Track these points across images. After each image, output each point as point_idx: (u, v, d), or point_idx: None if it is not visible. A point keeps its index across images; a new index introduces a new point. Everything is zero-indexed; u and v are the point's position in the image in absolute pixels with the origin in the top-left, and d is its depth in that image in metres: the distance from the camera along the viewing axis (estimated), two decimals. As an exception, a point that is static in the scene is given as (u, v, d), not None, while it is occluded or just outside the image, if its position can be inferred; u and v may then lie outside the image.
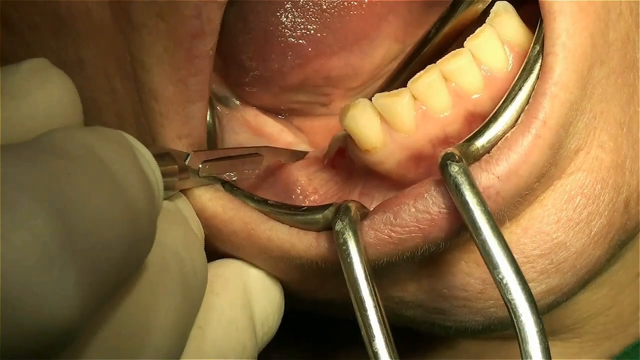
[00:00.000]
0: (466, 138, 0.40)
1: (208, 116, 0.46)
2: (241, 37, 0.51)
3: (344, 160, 0.47)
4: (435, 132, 0.43)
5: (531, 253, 0.42)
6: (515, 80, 0.41)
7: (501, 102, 0.41)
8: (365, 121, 0.44)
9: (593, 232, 0.42)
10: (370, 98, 0.45)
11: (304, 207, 0.43)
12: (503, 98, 0.41)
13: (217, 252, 0.44)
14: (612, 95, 0.42)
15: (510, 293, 0.36)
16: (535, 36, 0.42)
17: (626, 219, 0.44)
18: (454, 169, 0.38)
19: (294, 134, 0.52)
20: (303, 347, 0.62)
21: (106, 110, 0.45)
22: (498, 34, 0.44)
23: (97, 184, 0.27)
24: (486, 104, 0.43)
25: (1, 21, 0.45)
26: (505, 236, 0.37)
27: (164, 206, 0.39)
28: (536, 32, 0.42)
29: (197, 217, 0.43)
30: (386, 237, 0.40)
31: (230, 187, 0.44)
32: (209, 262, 0.41)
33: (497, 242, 0.37)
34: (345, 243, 0.39)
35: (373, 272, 0.39)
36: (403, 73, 0.50)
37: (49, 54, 0.43)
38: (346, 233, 0.39)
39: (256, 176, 0.46)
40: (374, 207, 0.41)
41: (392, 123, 0.43)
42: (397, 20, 0.51)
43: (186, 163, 0.41)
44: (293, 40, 0.51)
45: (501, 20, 0.44)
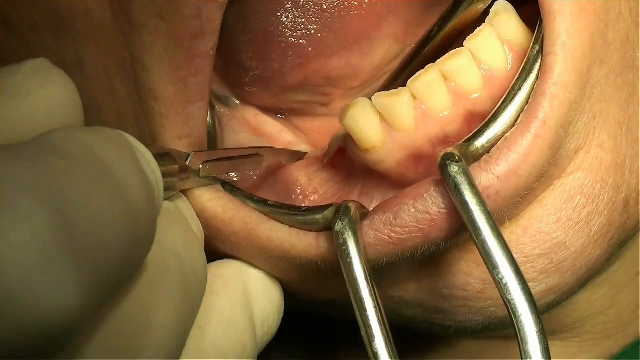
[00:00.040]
0: (466, 138, 0.40)
1: (208, 116, 0.46)
2: (241, 37, 0.51)
3: (344, 159, 0.47)
4: (434, 132, 0.43)
5: (531, 253, 0.42)
6: (514, 80, 0.41)
7: (501, 102, 0.41)
8: (365, 120, 0.44)
9: (593, 232, 0.42)
10: (370, 98, 0.44)
11: (304, 208, 0.43)
12: (502, 98, 0.41)
13: (217, 253, 0.44)
14: (612, 95, 0.42)
15: (509, 293, 0.36)
16: (534, 36, 0.42)
17: (625, 218, 0.44)
18: (454, 169, 0.38)
19: (294, 134, 0.52)
20: (303, 347, 0.62)
21: (106, 110, 0.45)
22: (498, 34, 0.44)
23: (97, 184, 0.27)
24: (486, 104, 0.43)
25: (1, 21, 0.45)
26: (505, 236, 0.38)
27: (164, 206, 0.39)
28: (536, 32, 0.42)
29: (197, 218, 0.43)
30: (386, 238, 0.40)
31: (230, 188, 0.44)
32: (209, 263, 0.41)
33: (497, 242, 0.37)
34: (345, 243, 0.39)
35: (373, 272, 0.39)
36: (404, 73, 0.50)
37: (49, 54, 0.43)
38: (346, 233, 0.39)
39: (256, 176, 0.46)
40: (374, 208, 0.41)
41: (392, 122, 0.43)
42: (397, 20, 0.51)
43: (186, 163, 0.41)
44: (293, 40, 0.51)
45: (501, 19, 0.44)
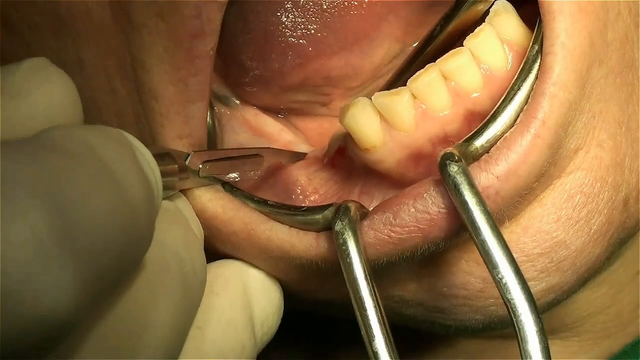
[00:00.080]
0: (465, 138, 0.40)
1: (208, 116, 0.46)
2: (241, 37, 0.51)
3: (344, 159, 0.47)
4: (434, 131, 0.43)
5: (531, 252, 0.42)
6: (514, 80, 0.41)
7: (500, 102, 0.41)
8: (364, 120, 0.44)
9: (592, 230, 0.42)
10: (370, 97, 0.44)
11: (304, 208, 0.43)
12: (502, 98, 0.41)
13: (217, 253, 0.44)
14: (611, 94, 0.42)
15: (509, 292, 0.36)
16: (534, 36, 0.42)
17: (625, 217, 0.44)
18: (453, 169, 0.38)
19: (294, 134, 0.52)
20: (303, 347, 0.62)
21: (106, 110, 0.45)
22: (497, 33, 0.44)
23: (96, 182, 0.28)
24: (485, 103, 0.43)
25: (1, 21, 0.45)
26: (505, 235, 0.37)
27: (164, 206, 0.39)
28: (535, 32, 0.42)
29: (197, 218, 0.43)
30: (386, 237, 0.40)
31: (230, 188, 0.44)
32: (209, 263, 0.41)
33: (497, 242, 0.37)
34: (345, 243, 0.39)
35: (373, 272, 0.39)
36: (405, 73, 0.49)
37: (49, 54, 0.43)
38: (346, 233, 0.39)
39: (257, 177, 0.46)
40: (374, 207, 0.41)
41: (392, 122, 0.43)
42: (398, 20, 0.51)
43: (186, 163, 0.42)
44: (293, 40, 0.51)
45: (501, 19, 0.44)
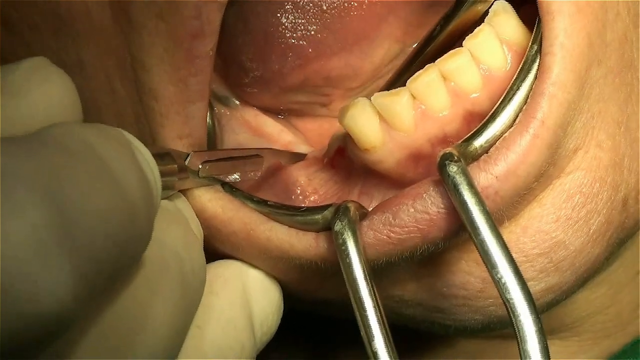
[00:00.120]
0: (464, 138, 0.40)
1: (208, 117, 0.46)
2: (241, 38, 0.51)
3: (344, 159, 0.47)
4: (434, 131, 0.43)
5: (530, 252, 0.42)
6: (513, 80, 0.41)
7: (499, 102, 0.41)
8: (364, 120, 0.44)
9: (592, 231, 0.42)
10: (369, 98, 0.44)
11: (303, 208, 0.43)
12: (501, 98, 0.41)
13: (217, 253, 0.44)
14: (610, 94, 0.42)
15: (508, 292, 0.36)
16: (533, 36, 0.42)
17: (624, 217, 0.44)
18: (453, 169, 0.38)
19: (294, 134, 0.52)
20: (302, 347, 0.62)
21: (106, 110, 0.45)
22: (497, 34, 0.44)
23: (95, 179, 0.28)
24: (485, 103, 0.43)
25: (1, 21, 0.45)
26: (504, 236, 0.38)
27: (164, 206, 0.39)
28: (534, 32, 0.42)
29: (197, 218, 0.43)
30: (385, 238, 0.40)
31: (229, 188, 0.44)
32: (209, 263, 0.41)
33: (496, 242, 0.37)
34: (344, 243, 0.39)
35: (372, 272, 0.39)
36: (404, 74, 0.49)
37: (49, 54, 0.43)
38: (345, 233, 0.39)
39: (257, 177, 0.46)
40: (373, 208, 0.41)
41: (391, 122, 0.43)
42: (397, 20, 0.51)
43: (186, 163, 0.42)
44: (293, 41, 0.51)
45: (500, 19, 0.44)
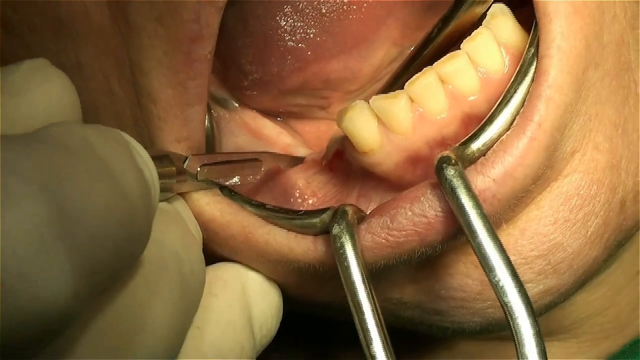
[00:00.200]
0: (462, 141, 0.40)
1: (206, 120, 0.46)
2: (241, 41, 0.51)
3: (342, 162, 0.47)
4: (432, 134, 0.44)
5: (529, 254, 0.42)
6: (510, 83, 0.41)
7: (496, 105, 0.41)
8: (362, 123, 0.44)
9: (589, 233, 0.43)
10: (368, 100, 0.45)
11: (302, 211, 0.43)
12: (498, 101, 0.41)
13: (215, 256, 0.44)
14: (607, 97, 0.42)
15: (506, 295, 0.36)
16: (530, 38, 0.42)
17: (622, 219, 0.44)
18: (450, 173, 0.38)
19: (293, 137, 0.52)
20: (302, 349, 0.62)
21: (104, 112, 0.45)
22: (494, 36, 0.44)
23: (94, 177, 0.28)
24: (482, 106, 0.43)
25: (1, 23, 0.45)
26: (502, 238, 0.38)
27: (163, 207, 0.39)
28: (531, 35, 0.42)
29: (195, 220, 0.43)
30: (383, 241, 0.40)
31: (228, 192, 0.44)
32: (208, 266, 0.41)
33: (493, 245, 0.37)
34: (342, 247, 0.39)
35: (370, 275, 0.39)
36: (402, 76, 0.49)
37: (49, 56, 0.43)
38: (343, 237, 0.39)
39: (256, 181, 0.46)
40: (371, 211, 0.41)
41: (389, 125, 0.44)
42: (396, 23, 0.51)
43: (184, 166, 0.42)
44: (292, 44, 0.51)
45: (497, 22, 0.44)
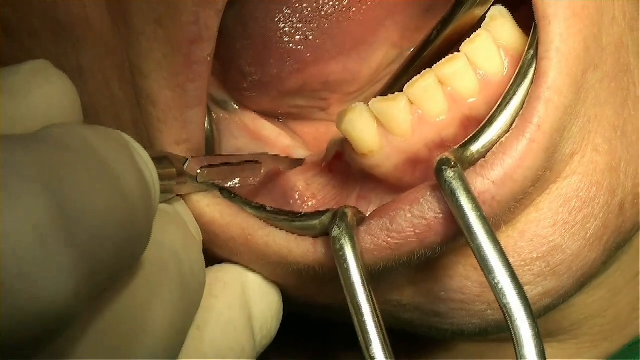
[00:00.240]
0: (461, 143, 0.41)
1: (205, 122, 0.46)
2: (240, 43, 0.51)
3: (342, 164, 0.47)
4: (431, 136, 0.44)
5: (528, 256, 0.42)
6: (509, 85, 0.41)
7: (496, 107, 0.41)
8: (362, 125, 0.44)
9: (589, 235, 0.43)
10: (367, 103, 0.45)
11: (301, 213, 0.43)
12: (497, 103, 0.41)
13: (216, 258, 0.44)
14: (606, 99, 0.43)
15: (505, 297, 0.36)
16: (529, 40, 0.42)
17: (621, 221, 0.44)
18: (449, 174, 0.38)
19: (292, 138, 0.52)
20: (302, 349, 0.62)
21: (104, 115, 0.45)
22: (494, 39, 0.44)
23: (95, 177, 0.28)
24: (482, 108, 0.43)
25: (1, 27, 0.45)
26: (501, 240, 0.38)
27: (163, 209, 0.39)
28: (530, 37, 0.42)
29: (196, 222, 0.43)
30: (382, 243, 0.40)
31: (228, 194, 0.44)
32: (208, 267, 0.41)
33: (493, 247, 0.37)
34: (342, 249, 0.39)
35: (370, 277, 0.39)
36: (401, 78, 0.49)
37: (49, 59, 0.43)
38: (343, 239, 0.39)
39: (256, 183, 0.47)
40: (371, 213, 0.41)
41: (389, 127, 0.44)
42: (395, 25, 0.51)
43: (184, 168, 0.42)
44: (291, 45, 0.51)
45: (497, 24, 0.44)
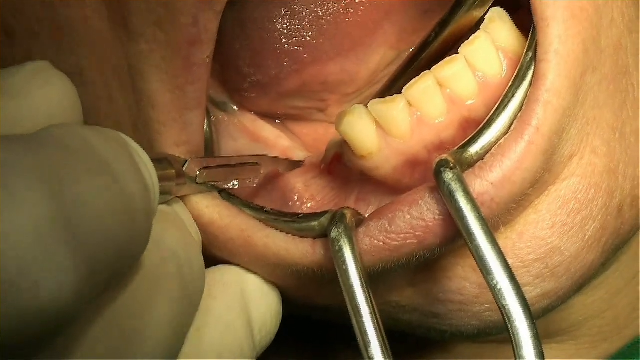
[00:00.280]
0: (460, 145, 0.41)
1: (205, 123, 0.46)
2: (239, 44, 0.51)
3: (341, 166, 0.47)
4: (430, 138, 0.44)
5: (526, 258, 0.42)
6: (508, 87, 0.41)
7: (494, 109, 0.41)
8: (361, 127, 0.44)
9: (587, 237, 0.43)
10: (366, 104, 0.45)
11: (300, 215, 0.43)
12: (496, 105, 0.41)
13: (215, 259, 0.44)
14: (605, 101, 0.43)
15: (504, 298, 0.36)
16: (528, 43, 0.42)
17: (620, 223, 0.44)
18: (448, 176, 0.38)
19: (291, 140, 0.52)
20: (302, 350, 0.62)
21: (104, 117, 0.45)
22: (492, 41, 0.44)
23: (95, 176, 0.28)
24: (480, 110, 0.43)
25: (1, 30, 0.45)
26: (500, 242, 0.38)
27: (163, 209, 0.39)
28: (529, 39, 0.42)
29: (195, 223, 0.43)
30: (381, 244, 0.40)
31: (227, 195, 0.44)
32: (207, 268, 0.41)
33: (491, 248, 0.37)
34: (340, 250, 0.39)
35: (369, 279, 0.39)
36: (400, 79, 0.50)
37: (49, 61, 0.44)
38: (342, 240, 0.39)
39: (255, 184, 0.47)
40: (370, 214, 0.41)
41: (388, 129, 0.44)
42: (393, 27, 0.51)
43: (184, 169, 0.42)
44: (289, 46, 0.51)
45: (495, 26, 0.44)
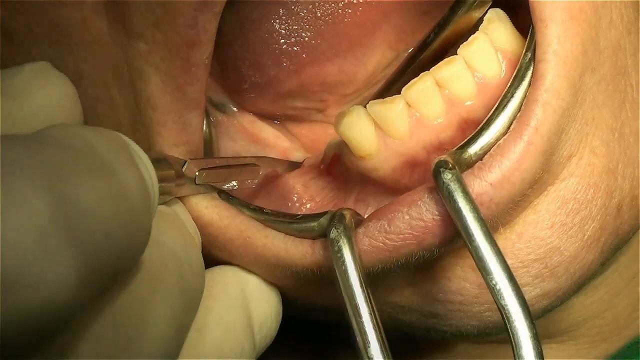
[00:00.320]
0: (459, 145, 0.41)
1: (204, 124, 0.46)
2: (237, 45, 0.51)
3: (340, 167, 0.47)
4: (429, 139, 0.44)
5: (526, 258, 0.42)
6: (507, 87, 0.41)
7: (493, 110, 0.41)
8: (359, 128, 0.44)
9: (586, 237, 0.43)
10: (365, 105, 0.45)
11: (299, 215, 0.43)
12: (495, 105, 0.41)
13: (214, 260, 0.44)
14: (604, 101, 0.43)
15: (503, 298, 0.36)
16: (526, 43, 0.42)
17: (619, 223, 0.44)
18: (447, 177, 0.38)
19: (290, 140, 0.52)
20: (302, 350, 0.62)
21: (104, 119, 0.45)
22: (491, 41, 0.44)
23: (95, 176, 0.28)
24: (479, 111, 0.43)
25: (1, 31, 0.45)
26: (499, 242, 0.38)
27: (162, 209, 0.40)
28: (528, 39, 0.42)
29: (194, 223, 0.43)
30: (380, 245, 0.40)
31: (226, 196, 0.44)
32: (207, 269, 0.41)
33: (490, 249, 0.37)
34: (340, 250, 0.39)
35: (368, 279, 0.39)
36: (398, 80, 0.50)
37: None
38: (341, 241, 0.39)
39: (254, 185, 0.47)
40: (369, 215, 0.41)
41: (387, 130, 0.44)
42: (391, 28, 0.51)
43: (183, 170, 0.42)
44: (287, 47, 0.51)
45: (494, 27, 0.44)
